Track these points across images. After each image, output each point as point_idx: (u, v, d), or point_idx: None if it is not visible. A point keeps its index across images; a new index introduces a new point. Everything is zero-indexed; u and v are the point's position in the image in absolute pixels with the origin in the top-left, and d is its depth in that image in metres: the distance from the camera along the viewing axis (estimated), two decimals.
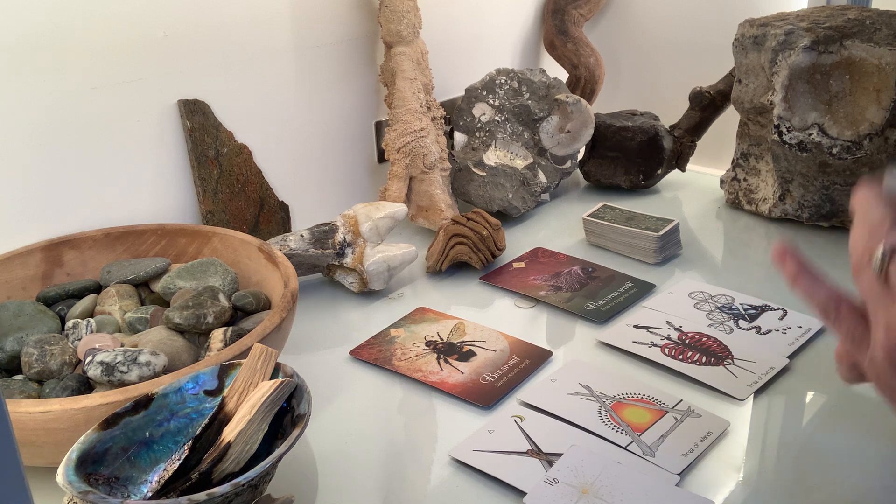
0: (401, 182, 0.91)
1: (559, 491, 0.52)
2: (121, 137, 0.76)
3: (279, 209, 0.89)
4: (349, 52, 0.94)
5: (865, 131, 0.83)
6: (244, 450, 0.48)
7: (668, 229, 0.84)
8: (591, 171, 1.06)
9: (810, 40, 0.83)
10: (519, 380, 0.65)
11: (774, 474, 0.55)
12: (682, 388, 0.64)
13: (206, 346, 0.60)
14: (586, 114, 0.99)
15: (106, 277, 0.70)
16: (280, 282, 0.65)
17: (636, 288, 0.79)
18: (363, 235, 0.79)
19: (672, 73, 1.16)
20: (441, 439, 0.59)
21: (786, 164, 0.89)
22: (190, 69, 0.79)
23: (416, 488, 0.55)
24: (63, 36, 0.70)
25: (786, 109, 0.86)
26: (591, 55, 1.15)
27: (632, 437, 0.57)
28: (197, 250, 0.74)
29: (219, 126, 0.82)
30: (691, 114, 1.03)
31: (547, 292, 0.79)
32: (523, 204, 0.97)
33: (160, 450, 0.51)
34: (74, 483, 0.44)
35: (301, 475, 0.56)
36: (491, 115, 0.99)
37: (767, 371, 0.65)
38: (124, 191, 0.77)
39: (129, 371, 0.54)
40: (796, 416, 0.61)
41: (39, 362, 0.58)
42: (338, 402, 0.64)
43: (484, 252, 0.82)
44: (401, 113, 0.91)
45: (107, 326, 0.64)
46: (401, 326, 0.74)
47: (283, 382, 0.50)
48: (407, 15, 0.90)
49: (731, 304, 0.75)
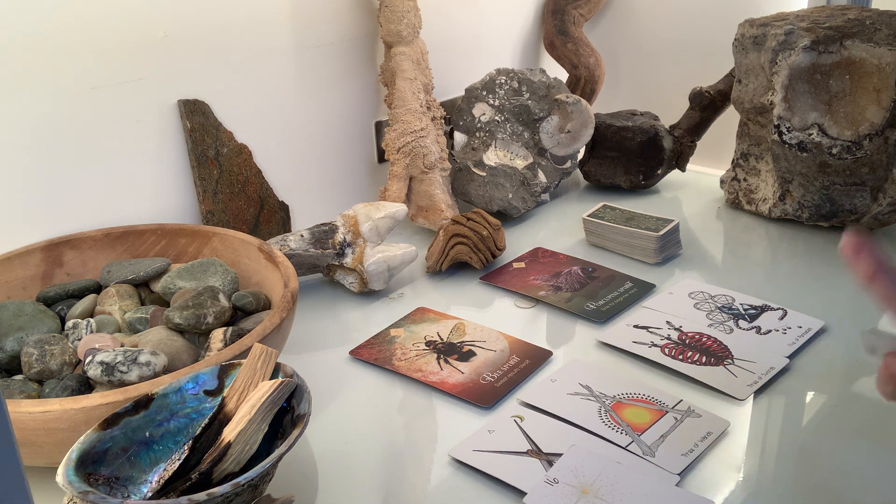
0: (401, 182, 0.91)
1: (559, 491, 0.52)
2: (121, 137, 0.76)
3: (279, 209, 0.89)
4: (349, 52, 0.94)
5: (865, 131, 0.82)
6: (244, 450, 0.48)
7: (668, 229, 0.84)
8: (591, 171, 1.06)
9: (810, 40, 0.83)
10: (519, 380, 0.65)
11: (774, 474, 0.55)
12: (682, 388, 0.64)
13: (206, 346, 0.60)
14: (586, 114, 0.99)
15: (106, 277, 0.70)
16: (280, 282, 0.65)
17: (636, 288, 0.79)
18: (363, 235, 0.79)
19: (672, 73, 1.16)
20: (441, 439, 0.59)
21: (786, 164, 0.89)
22: (190, 69, 0.79)
23: (416, 488, 0.55)
24: (63, 36, 0.70)
25: (786, 109, 0.86)
26: (591, 55, 1.15)
27: (632, 437, 0.57)
28: (197, 250, 0.74)
29: (219, 126, 0.82)
30: (691, 114, 1.03)
31: (547, 292, 0.79)
32: (523, 204, 0.97)
33: (160, 450, 0.51)
34: (74, 483, 0.44)
35: (301, 475, 0.56)
36: (491, 115, 0.99)
37: (767, 371, 0.65)
38: (124, 191, 0.77)
39: (129, 371, 0.54)
40: (796, 416, 0.61)
41: (39, 362, 0.58)
42: (338, 402, 0.64)
43: (484, 252, 0.82)
44: (401, 113, 0.91)
45: (107, 326, 0.64)
46: (401, 326, 0.74)
47: (283, 382, 0.50)
48: (407, 15, 0.90)
49: (731, 304, 0.75)
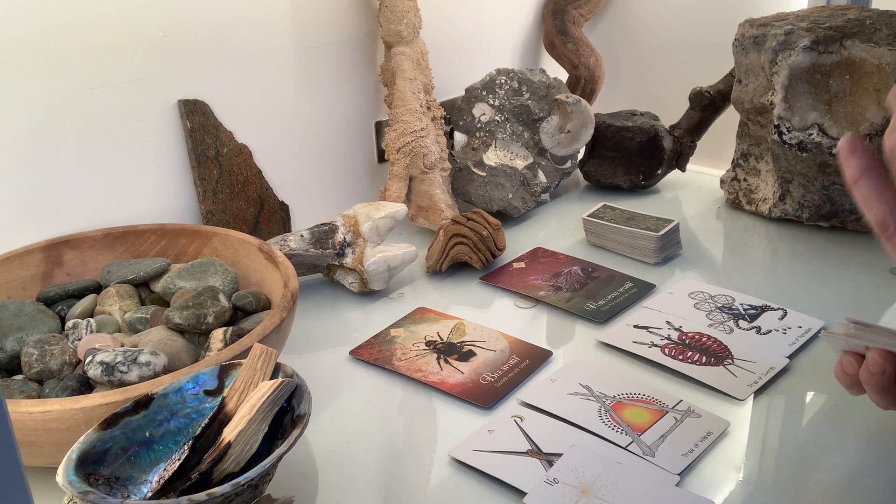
0: (401, 182, 0.91)
1: (559, 491, 0.52)
2: (121, 137, 0.76)
3: (279, 209, 0.89)
4: (349, 52, 0.94)
5: (865, 131, 0.82)
6: (244, 450, 0.48)
7: (668, 229, 0.84)
8: (591, 171, 1.06)
9: (810, 40, 0.83)
10: (519, 380, 0.65)
11: (774, 474, 0.55)
12: (682, 388, 0.64)
13: (206, 346, 0.60)
14: (586, 114, 0.99)
15: (106, 277, 0.70)
16: (280, 282, 0.65)
17: (636, 288, 0.79)
18: (363, 235, 0.79)
19: (672, 73, 1.16)
20: (441, 439, 0.59)
21: (786, 164, 0.89)
22: (190, 69, 0.79)
23: (416, 488, 0.55)
24: (63, 36, 0.70)
25: (786, 109, 0.86)
26: (591, 55, 1.15)
27: (632, 437, 0.57)
28: (197, 250, 0.74)
29: (219, 126, 0.82)
30: (691, 114, 1.03)
31: (547, 292, 0.79)
32: (523, 204, 0.97)
33: (160, 450, 0.51)
34: (74, 483, 0.44)
35: (301, 475, 0.56)
36: (491, 115, 0.99)
37: (767, 371, 0.65)
38: (124, 191, 0.77)
39: (129, 371, 0.54)
40: (796, 416, 0.61)
41: (39, 362, 0.58)
42: (338, 402, 0.64)
43: (484, 252, 0.82)
44: (401, 113, 0.91)
45: (107, 326, 0.64)
46: (401, 326, 0.74)
47: (283, 382, 0.50)
48: (407, 15, 0.90)
49: (731, 304, 0.75)
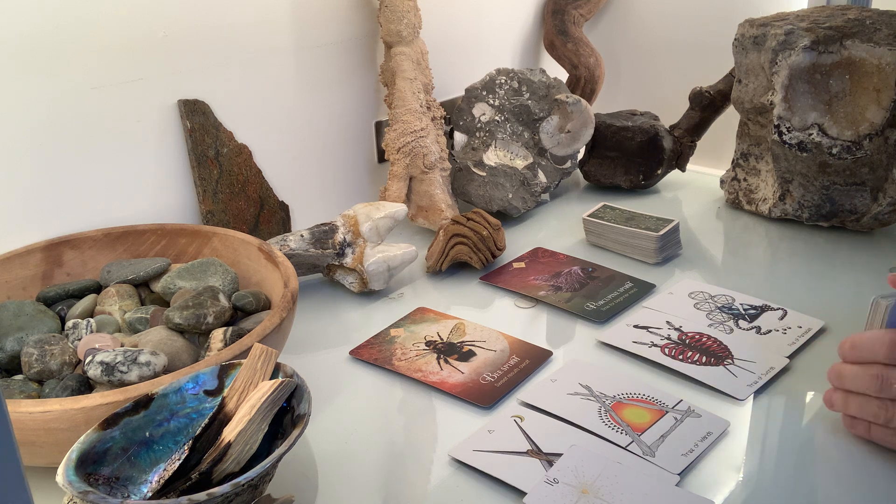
0: (401, 182, 0.91)
1: (559, 491, 0.52)
2: (121, 137, 0.76)
3: (279, 209, 0.89)
4: (349, 52, 0.94)
5: (865, 131, 0.82)
6: (244, 450, 0.48)
7: (668, 229, 0.84)
8: (591, 171, 1.06)
9: (810, 40, 0.83)
10: (519, 380, 0.65)
11: (774, 474, 0.55)
12: (682, 388, 0.64)
13: (206, 346, 0.60)
14: (586, 114, 0.99)
15: (106, 277, 0.70)
16: (280, 282, 0.65)
17: (636, 288, 0.79)
18: (363, 235, 0.79)
19: (672, 73, 1.16)
20: (441, 439, 0.59)
21: (786, 164, 0.89)
22: (190, 69, 0.79)
23: (416, 488, 0.55)
24: (63, 36, 0.70)
25: (786, 109, 0.86)
26: (591, 55, 1.15)
27: (632, 437, 0.57)
28: (197, 250, 0.74)
29: (219, 126, 0.82)
30: (691, 114, 1.03)
31: (547, 292, 0.79)
32: (523, 204, 0.97)
33: (160, 450, 0.51)
34: (74, 483, 0.44)
35: (301, 475, 0.56)
36: (491, 115, 0.99)
37: (767, 371, 0.65)
38: (124, 191, 0.77)
39: (129, 371, 0.54)
40: (796, 416, 0.61)
41: (39, 362, 0.58)
42: (338, 402, 0.64)
43: (484, 252, 0.82)
44: (401, 113, 0.91)
45: (107, 326, 0.64)
46: (401, 326, 0.74)
47: (283, 382, 0.50)
48: (407, 15, 0.90)
49: (731, 304, 0.75)
